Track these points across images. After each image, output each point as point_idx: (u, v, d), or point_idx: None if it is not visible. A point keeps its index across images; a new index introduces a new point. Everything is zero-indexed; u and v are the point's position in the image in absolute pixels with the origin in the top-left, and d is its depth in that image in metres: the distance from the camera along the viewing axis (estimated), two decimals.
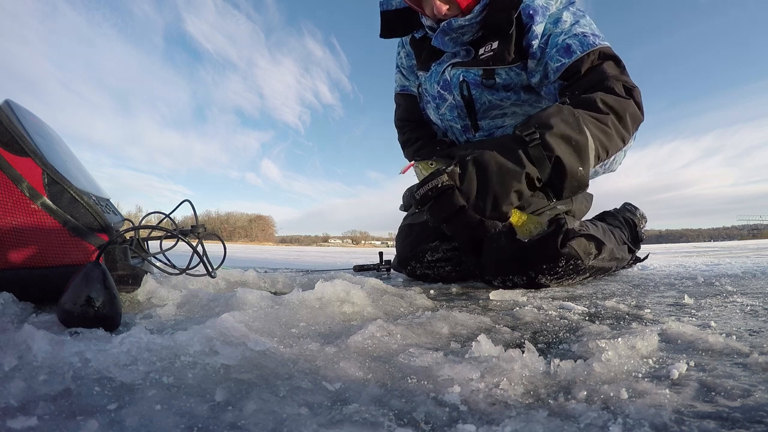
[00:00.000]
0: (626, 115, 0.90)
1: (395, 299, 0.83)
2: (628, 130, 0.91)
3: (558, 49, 1.03)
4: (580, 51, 1.00)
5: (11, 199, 0.71)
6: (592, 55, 1.00)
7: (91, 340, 0.47)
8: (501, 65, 1.13)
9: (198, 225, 0.89)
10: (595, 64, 0.99)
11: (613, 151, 0.89)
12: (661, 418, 0.31)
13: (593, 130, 0.83)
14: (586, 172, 0.81)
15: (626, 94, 0.93)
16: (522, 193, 0.78)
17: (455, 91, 1.24)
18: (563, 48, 1.02)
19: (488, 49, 1.14)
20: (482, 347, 0.46)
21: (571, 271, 1.07)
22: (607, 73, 0.97)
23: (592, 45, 1.00)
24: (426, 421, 0.32)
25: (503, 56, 1.11)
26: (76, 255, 0.75)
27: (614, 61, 1.00)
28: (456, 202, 0.76)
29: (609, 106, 0.88)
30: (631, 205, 1.61)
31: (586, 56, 1.00)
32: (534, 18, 1.06)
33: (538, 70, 1.10)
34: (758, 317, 0.67)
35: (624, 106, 0.90)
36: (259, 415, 0.32)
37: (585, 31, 1.03)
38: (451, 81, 1.23)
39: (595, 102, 0.88)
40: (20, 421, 0.29)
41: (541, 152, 0.77)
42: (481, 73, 1.17)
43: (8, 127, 0.73)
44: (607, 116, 0.87)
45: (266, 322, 0.58)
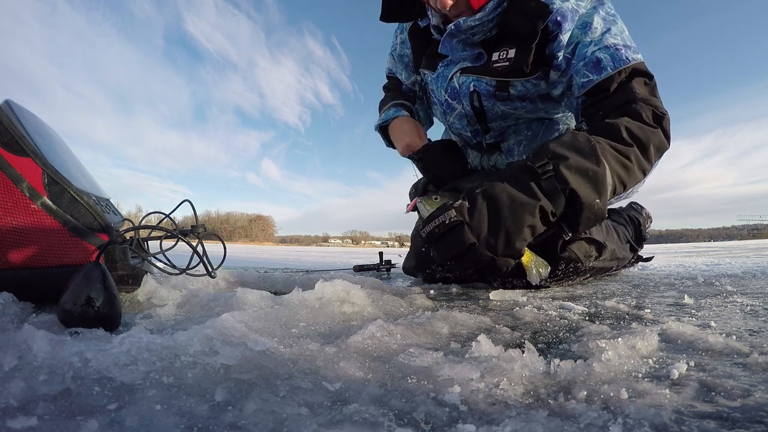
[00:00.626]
0: (651, 146, 0.83)
1: (395, 299, 0.83)
2: (650, 161, 0.84)
3: (586, 62, 0.92)
4: (611, 68, 0.89)
5: (11, 199, 0.71)
6: (623, 72, 0.90)
7: (91, 340, 0.47)
8: (517, 78, 1.01)
9: (198, 225, 0.89)
10: (624, 81, 0.90)
11: (631, 185, 0.83)
12: (661, 418, 0.31)
13: (612, 163, 0.77)
14: (604, 204, 0.75)
15: (654, 121, 0.85)
16: (535, 228, 0.73)
17: (465, 101, 1.13)
18: (592, 62, 0.91)
19: (503, 57, 1.01)
20: (482, 347, 0.46)
21: (571, 273, 1.07)
22: (637, 94, 0.87)
23: (625, 61, 0.89)
24: (426, 421, 0.32)
25: (520, 68, 0.99)
26: (76, 255, 0.75)
27: (645, 78, 0.91)
28: (466, 240, 0.69)
29: (634, 136, 0.82)
30: (638, 204, 1.60)
31: (617, 74, 0.89)
32: (562, 25, 0.93)
33: (561, 82, 0.99)
34: (758, 317, 0.67)
35: (649, 135, 0.83)
36: (259, 415, 0.32)
37: (617, 43, 0.91)
38: (460, 89, 1.12)
39: (619, 131, 0.81)
40: (20, 421, 0.29)
41: (554, 185, 0.72)
42: (494, 84, 1.05)
43: (8, 127, 0.73)
44: (630, 148, 0.80)
45: (266, 322, 0.58)
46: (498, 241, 0.71)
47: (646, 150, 0.83)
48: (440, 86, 1.18)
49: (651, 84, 0.91)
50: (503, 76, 1.03)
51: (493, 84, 1.06)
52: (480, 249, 0.70)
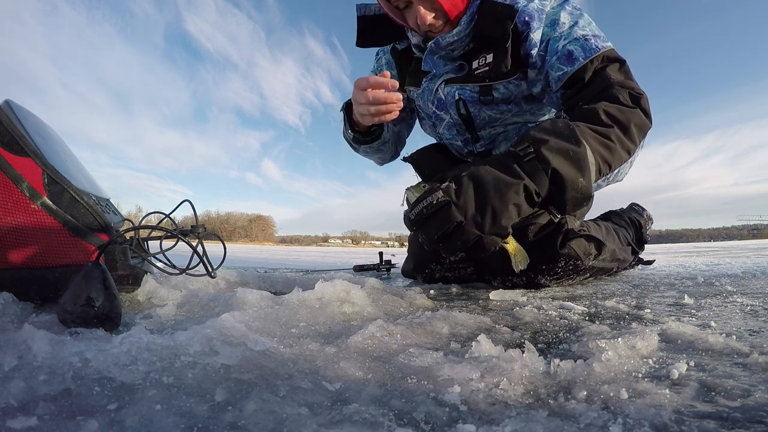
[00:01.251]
0: (631, 126, 0.85)
1: (395, 299, 0.83)
2: (633, 140, 0.86)
3: (559, 56, 0.96)
4: (582, 57, 0.94)
5: (11, 199, 0.71)
6: (596, 61, 0.94)
7: (91, 340, 0.47)
8: (498, 80, 1.06)
9: (198, 225, 0.89)
10: (598, 69, 0.94)
11: (617, 165, 0.85)
12: (661, 418, 0.31)
13: (593, 144, 0.80)
14: (588, 182, 0.77)
15: (632, 102, 0.88)
16: (521, 207, 0.75)
17: (452, 110, 1.16)
18: (564, 55, 0.96)
19: (483, 63, 1.06)
20: (482, 347, 0.46)
21: (570, 272, 1.07)
22: (612, 79, 0.91)
23: (595, 49, 0.93)
24: (426, 421, 0.32)
25: (500, 70, 1.03)
26: (76, 255, 0.75)
27: (618, 63, 0.94)
28: (453, 218, 0.72)
29: (612, 117, 0.84)
30: (639, 205, 1.60)
31: (590, 63, 0.93)
32: (530, 24, 0.98)
33: (539, 80, 1.04)
34: (758, 317, 0.67)
35: (628, 116, 0.86)
36: (259, 415, 0.32)
37: (586, 34, 0.96)
38: (446, 100, 1.15)
39: (598, 114, 0.84)
40: (20, 421, 0.29)
41: (536, 165, 0.75)
42: (477, 90, 1.09)
43: (8, 127, 0.73)
44: (610, 129, 0.83)
45: (266, 322, 0.58)
46: (485, 218, 0.72)
47: (627, 129, 0.85)
48: (426, 99, 1.21)
49: (624, 68, 0.94)
50: (485, 80, 1.07)
51: (476, 90, 1.10)
52: (467, 227, 0.72)
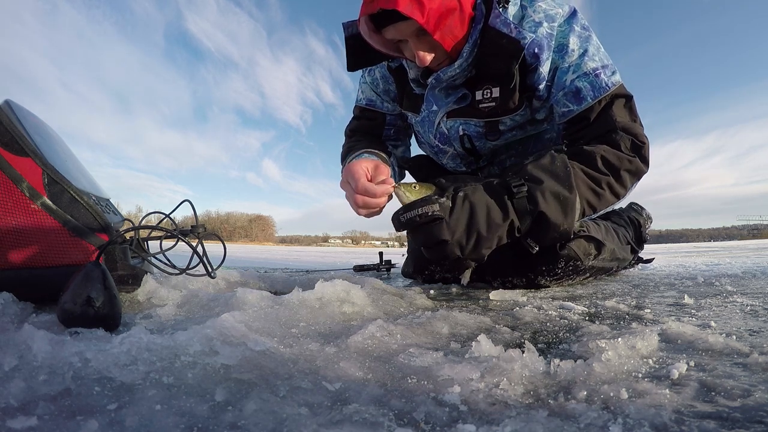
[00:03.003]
0: (624, 174, 0.88)
1: (395, 299, 0.83)
2: (624, 186, 0.90)
3: (566, 92, 0.93)
4: (591, 98, 0.91)
5: (11, 199, 0.71)
6: (604, 100, 0.91)
7: (91, 340, 0.47)
8: (505, 115, 1.01)
9: (198, 225, 0.89)
10: (604, 106, 0.92)
11: (602, 209, 0.90)
12: (661, 418, 0.31)
13: (583, 190, 0.84)
14: (570, 226, 0.82)
15: (632, 151, 0.89)
16: (502, 239, 0.81)
17: (456, 144, 1.13)
18: (572, 92, 0.93)
19: (488, 96, 1.00)
20: (482, 347, 0.46)
21: (570, 272, 1.07)
22: (617, 123, 0.90)
23: (605, 88, 0.91)
24: (426, 421, 0.32)
25: (507, 105, 0.99)
26: (76, 255, 0.75)
27: (625, 100, 0.93)
28: (441, 235, 0.76)
29: (609, 164, 0.87)
30: (638, 204, 1.60)
31: (597, 103, 0.91)
32: (540, 57, 0.91)
33: (543, 108, 1.02)
34: (758, 317, 0.67)
35: (625, 164, 0.88)
36: (259, 415, 0.32)
37: (596, 67, 0.92)
38: (450, 134, 1.11)
39: (595, 159, 0.86)
40: (20, 421, 0.29)
41: (525, 206, 0.79)
42: (483, 125, 1.05)
43: (8, 127, 0.73)
44: (604, 176, 0.86)
45: (266, 322, 0.58)
46: (468, 243, 0.78)
47: (619, 177, 0.89)
48: (428, 131, 1.16)
49: (630, 105, 0.93)
50: (491, 116, 1.02)
51: (481, 125, 1.06)
52: (451, 247, 0.77)
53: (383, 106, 1.24)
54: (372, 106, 1.25)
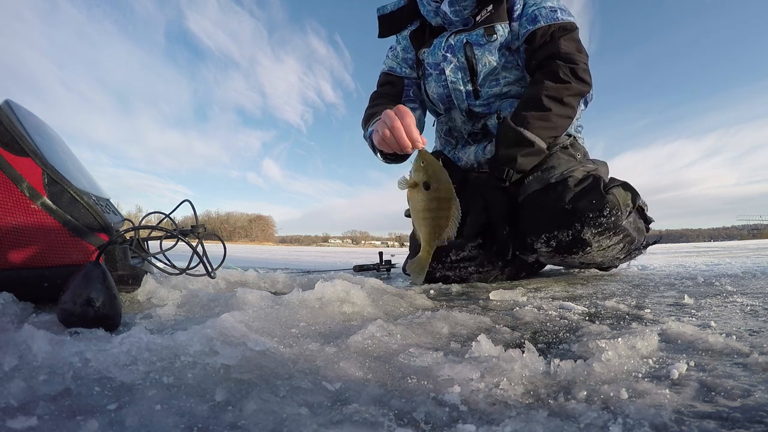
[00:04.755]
0: (567, 98, 1.18)
1: (395, 299, 0.83)
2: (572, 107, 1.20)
3: (527, 17, 1.26)
4: (543, 21, 1.23)
5: (11, 199, 0.71)
6: (552, 27, 1.22)
7: (91, 340, 0.47)
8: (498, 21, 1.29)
9: (198, 225, 0.89)
10: (554, 35, 1.22)
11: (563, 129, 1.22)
12: (661, 418, 0.31)
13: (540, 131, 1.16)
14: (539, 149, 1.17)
15: (570, 75, 1.18)
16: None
17: (459, 54, 1.35)
18: (531, 17, 1.25)
19: (485, 13, 1.31)
20: (482, 347, 0.46)
21: (612, 226, 1.10)
22: (561, 49, 1.20)
23: (555, 19, 1.22)
24: (426, 421, 0.32)
25: (500, 14, 1.29)
26: (76, 255, 0.75)
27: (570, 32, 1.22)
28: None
29: (551, 98, 1.17)
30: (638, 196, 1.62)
31: (547, 27, 1.22)
32: None
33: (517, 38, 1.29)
34: (758, 317, 0.67)
35: (563, 92, 1.17)
36: (259, 415, 0.32)
37: (553, 6, 1.24)
38: (455, 45, 1.35)
39: (541, 101, 1.17)
40: (20, 421, 0.29)
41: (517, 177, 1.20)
42: (482, 32, 1.31)
43: (8, 127, 0.73)
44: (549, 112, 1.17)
45: (266, 322, 0.58)
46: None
47: (563, 103, 1.18)
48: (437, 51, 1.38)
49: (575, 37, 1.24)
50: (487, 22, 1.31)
51: (481, 33, 1.32)
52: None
53: (402, 71, 1.51)
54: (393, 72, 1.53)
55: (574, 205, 1.09)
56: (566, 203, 1.10)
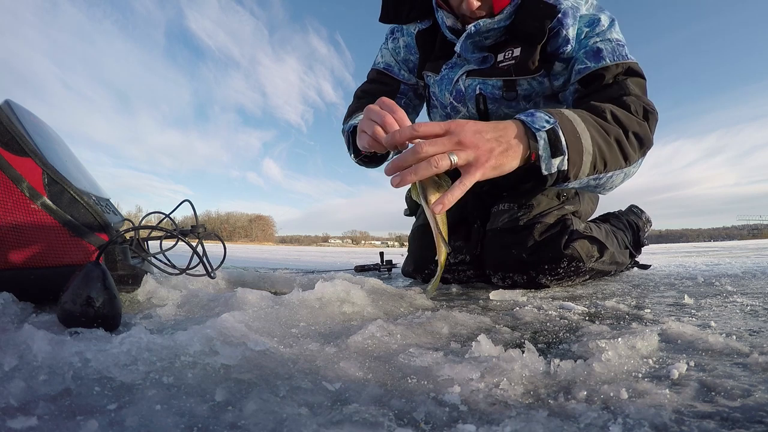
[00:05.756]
0: (632, 138, 0.82)
1: (395, 299, 0.83)
2: (633, 148, 0.83)
3: (587, 51, 0.95)
4: (610, 59, 0.92)
5: (11, 199, 0.71)
6: (621, 67, 0.92)
7: (91, 340, 0.47)
8: (523, 75, 1.03)
9: (198, 225, 0.89)
10: (619, 77, 0.92)
11: (612, 167, 0.80)
12: (661, 418, 0.31)
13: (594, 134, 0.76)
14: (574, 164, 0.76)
15: (643, 116, 0.86)
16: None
17: (470, 104, 1.14)
18: (593, 51, 0.95)
19: (509, 56, 1.04)
20: (482, 347, 0.46)
21: (571, 273, 1.07)
22: (630, 90, 0.89)
23: (624, 57, 0.93)
24: (426, 421, 0.32)
25: (526, 66, 1.01)
26: (76, 255, 0.75)
27: (640, 78, 0.92)
28: None
29: (618, 120, 0.81)
30: (638, 207, 1.60)
31: (614, 66, 0.92)
32: (563, 21, 0.96)
33: (563, 74, 1.02)
34: (758, 317, 0.67)
35: (634, 124, 0.83)
36: (259, 415, 0.32)
37: (620, 40, 0.95)
38: (466, 92, 1.13)
39: (604, 112, 0.81)
40: (20, 421, 0.29)
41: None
42: (501, 85, 1.07)
43: (8, 127, 0.73)
44: (612, 128, 0.80)
45: (266, 322, 0.58)
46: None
47: (628, 136, 0.82)
48: (444, 88, 1.17)
49: (643, 85, 0.93)
50: (509, 74, 1.04)
51: (499, 85, 1.07)
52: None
53: (400, 74, 1.26)
54: (389, 71, 1.27)
55: (531, 257, 1.03)
56: (525, 252, 1.04)
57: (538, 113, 0.72)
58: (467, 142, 0.62)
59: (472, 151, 0.63)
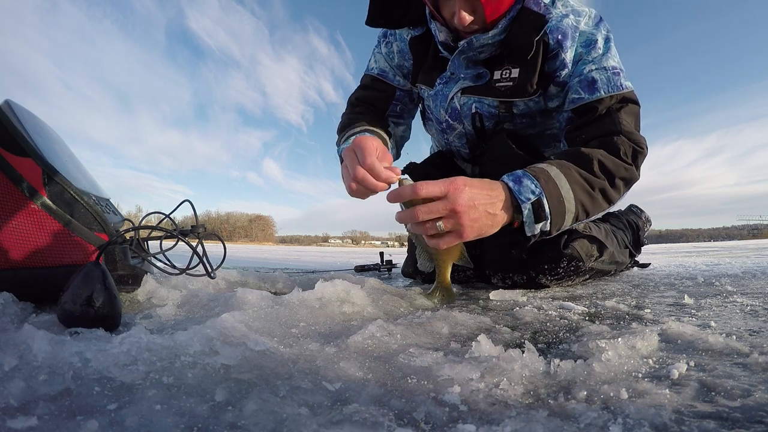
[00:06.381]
0: (619, 182, 0.87)
1: (395, 299, 0.83)
2: (618, 191, 0.88)
3: (581, 80, 0.94)
4: (604, 91, 0.92)
5: (11, 199, 0.71)
6: (614, 98, 0.92)
7: (91, 340, 0.47)
8: (521, 97, 1.00)
9: (198, 225, 0.89)
10: (613, 107, 0.91)
11: (594, 213, 0.87)
12: (661, 418, 0.31)
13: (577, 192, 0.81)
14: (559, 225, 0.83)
15: (631, 158, 0.88)
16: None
17: (466, 121, 1.12)
18: (587, 81, 0.93)
19: (506, 76, 1.01)
20: (482, 347, 0.46)
21: (571, 273, 1.07)
22: (622, 126, 0.89)
23: (619, 88, 0.92)
24: (426, 421, 0.32)
25: (524, 88, 0.99)
26: (76, 255, 0.75)
27: (634, 105, 0.93)
28: None
29: (605, 169, 0.85)
30: (637, 207, 1.59)
31: (608, 98, 0.92)
32: (563, 44, 0.94)
33: (558, 97, 1.01)
34: (758, 317, 0.67)
35: (621, 171, 0.87)
36: (259, 415, 0.32)
37: (616, 67, 0.93)
38: (462, 110, 1.11)
39: (592, 163, 0.84)
40: (20, 421, 0.29)
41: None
42: (497, 105, 1.05)
43: (8, 127, 0.73)
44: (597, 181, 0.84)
45: (266, 322, 0.58)
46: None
47: (614, 183, 0.86)
48: (439, 105, 1.15)
49: (637, 113, 0.94)
50: (507, 96, 1.02)
51: (495, 105, 1.06)
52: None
53: (395, 80, 1.21)
54: (383, 77, 1.21)
55: (530, 257, 1.02)
56: (525, 252, 1.02)
57: (525, 179, 0.78)
58: (460, 211, 0.69)
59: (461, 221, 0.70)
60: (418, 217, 0.71)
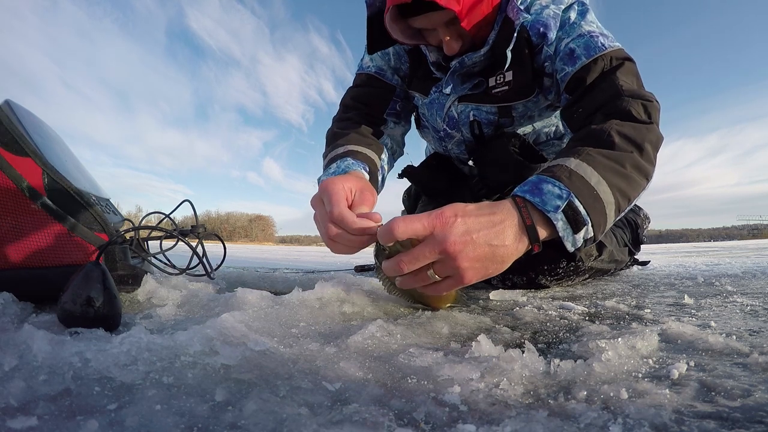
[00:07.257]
0: (647, 146, 0.70)
1: (395, 299, 0.83)
2: (651, 161, 0.71)
3: (562, 56, 0.87)
4: (585, 56, 0.83)
5: (11, 199, 0.71)
6: (601, 61, 0.81)
7: (91, 340, 0.47)
8: (518, 100, 0.98)
9: (198, 225, 0.90)
10: (606, 71, 0.81)
11: (635, 197, 0.71)
12: (661, 418, 0.32)
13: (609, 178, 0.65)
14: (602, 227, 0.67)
15: (644, 113, 0.75)
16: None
17: (464, 129, 1.10)
18: (566, 54, 0.86)
19: (501, 81, 0.97)
20: (482, 347, 0.46)
21: (571, 273, 1.07)
22: (622, 87, 0.78)
23: (600, 48, 0.82)
24: (426, 421, 0.32)
25: (521, 89, 0.96)
26: (76, 255, 0.75)
27: (627, 63, 0.82)
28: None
29: (629, 140, 0.70)
30: (636, 204, 1.59)
31: (593, 63, 0.82)
32: (547, 35, 0.89)
33: (553, 87, 0.96)
34: (758, 317, 0.67)
35: (645, 134, 0.71)
36: (259, 415, 0.32)
37: (592, 30, 0.85)
38: (459, 118, 1.08)
39: (612, 138, 0.69)
40: (20, 421, 0.29)
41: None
42: (495, 110, 1.02)
43: (8, 127, 0.73)
44: (626, 155, 0.68)
45: (266, 322, 0.58)
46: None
47: (643, 151, 0.70)
48: (436, 114, 1.12)
49: (633, 69, 0.83)
50: (504, 101, 0.99)
51: (494, 111, 1.03)
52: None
53: (393, 79, 1.13)
54: (381, 76, 1.13)
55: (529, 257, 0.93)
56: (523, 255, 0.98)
57: (544, 185, 0.62)
58: (453, 251, 0.54)
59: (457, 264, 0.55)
60: (402, 269, 0.57)
